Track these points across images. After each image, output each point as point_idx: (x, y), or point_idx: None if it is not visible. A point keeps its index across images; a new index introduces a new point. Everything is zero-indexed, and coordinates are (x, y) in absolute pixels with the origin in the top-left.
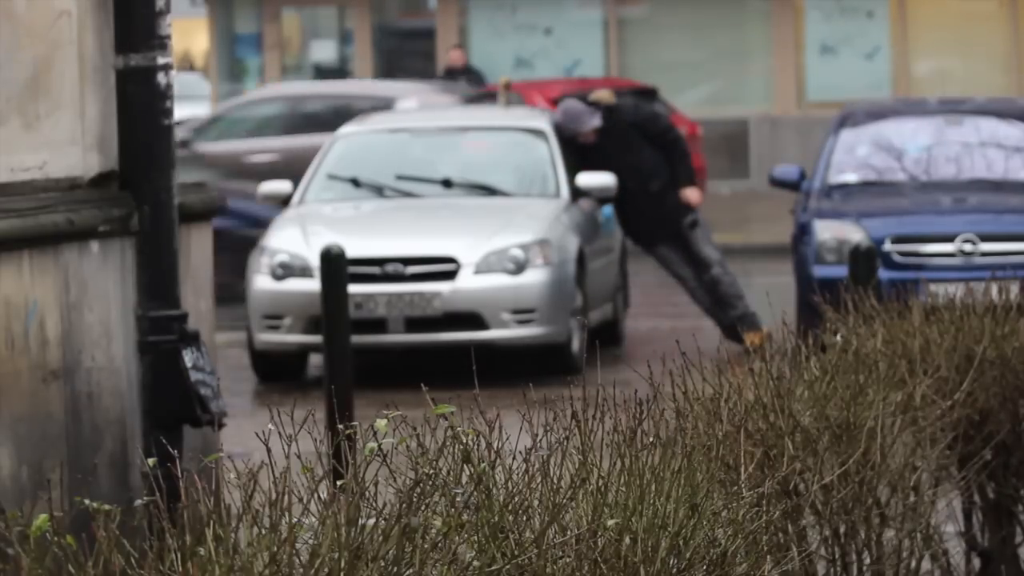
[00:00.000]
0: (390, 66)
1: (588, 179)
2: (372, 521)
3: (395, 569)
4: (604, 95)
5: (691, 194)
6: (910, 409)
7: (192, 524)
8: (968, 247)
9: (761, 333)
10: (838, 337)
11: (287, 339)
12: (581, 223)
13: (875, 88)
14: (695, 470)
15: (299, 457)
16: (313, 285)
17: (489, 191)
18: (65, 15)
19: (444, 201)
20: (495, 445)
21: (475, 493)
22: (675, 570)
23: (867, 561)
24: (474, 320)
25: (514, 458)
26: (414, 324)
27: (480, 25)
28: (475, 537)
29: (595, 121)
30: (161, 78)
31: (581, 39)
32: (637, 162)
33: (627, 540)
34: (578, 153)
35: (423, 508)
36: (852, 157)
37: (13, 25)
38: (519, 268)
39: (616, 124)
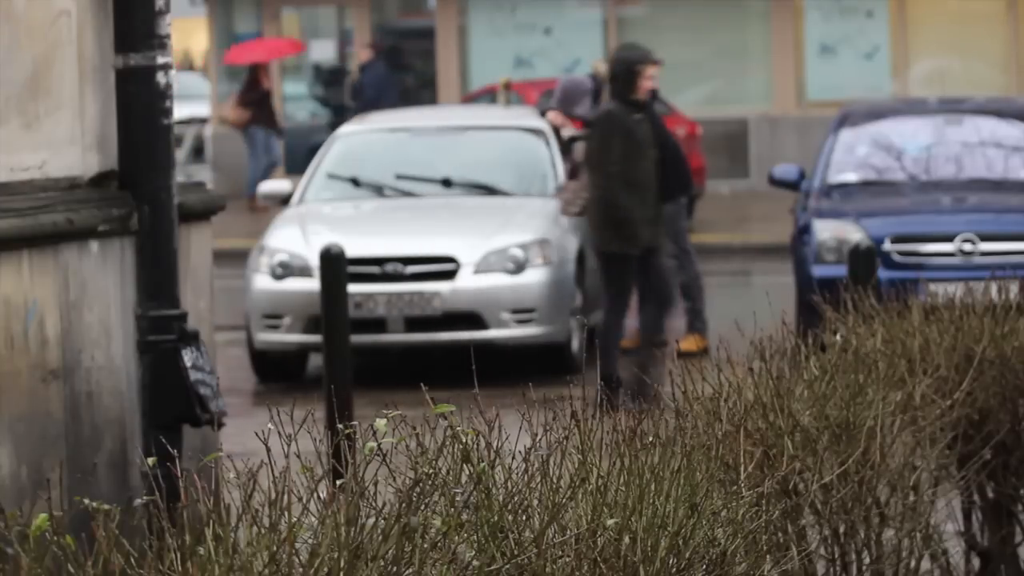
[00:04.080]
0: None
1: None
2: (372, 521)
3: (395, 569)
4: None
5: None
6: (910, 409)
7: (192, 524)
8: (968, 247)
9: (696, 337)
10: (838, 337)
11: (287, 339)
12: (581, 223)
13: (875, 88)
14: (695, 470)
15: (299, 457)
16: (313, 284)
17: (489, 191)
18: (64, 15)
19: (444, 201)
20: (495, 445)
21: (475, 493)
22: (675, 570)
23: (867, 561)
24: (474, 320)
25: (514, 458)
26: (414, 324)
27: (480, 25)
28: (475, 537)
29: (581, 109)
30: (161, 78)
31: (581, 39)
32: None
33: (627, 540)
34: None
35: (423, 508)
36: (851, 157)
37: (13, 25)
38: (519, 268)
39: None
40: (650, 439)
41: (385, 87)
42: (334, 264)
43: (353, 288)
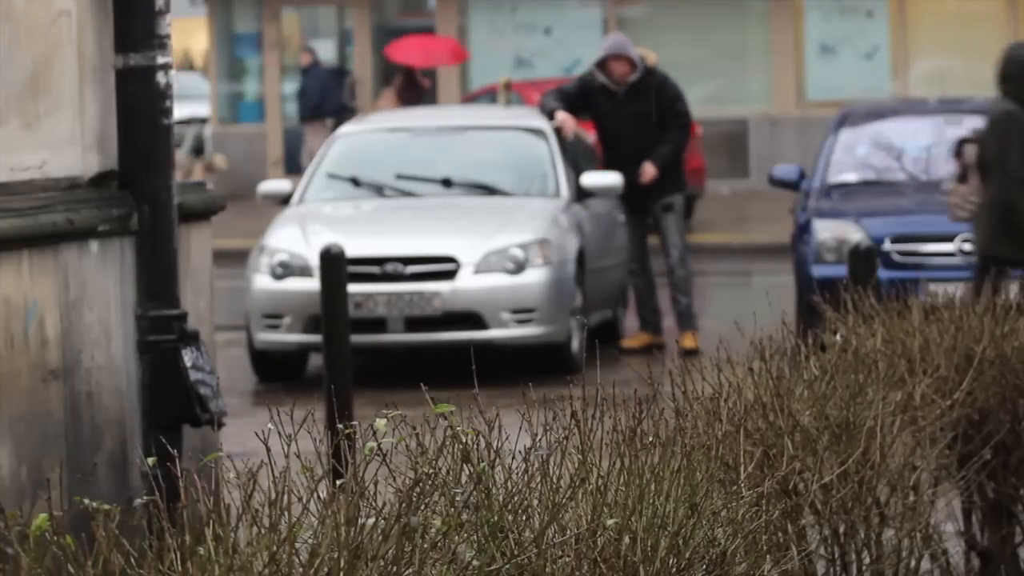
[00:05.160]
0: (389, 66)
1: (593, 179)
2: (372, 521)
3: (395, 569)
4: (651, 57)
5: (648, 169)
6: (910, 409)
7: (192, 524)
8: (968, 247)
9: (693, 334)
10: (838, 337)
11: (287, 338)
12: (583, 223)
13: (875, 88)
14: (695, 470)
15: (299, 457)
16: (313, 284)
17: (489, 190)
18: (64, 15)
19: (444, 200)
20: (495, 445)
21: (475, 493)
22: (674, 570)
23: (867, 561)
24: (474, 320)
25: (513, 458)
26: (414, 324)
27: (480, 25)
28: (475, 537)
29: (635, 55)
30: (160, 78)
31: (581, 38)
32: (645, 135)
33: (627, 540)
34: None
35: (423, 508)
36: (851, 157)
37: (13, 25)
38: (519, 268)
39: (648, 86)
40: (650, 439)
41: (329, 89)
42: (334, 264)
43: (353, 288)
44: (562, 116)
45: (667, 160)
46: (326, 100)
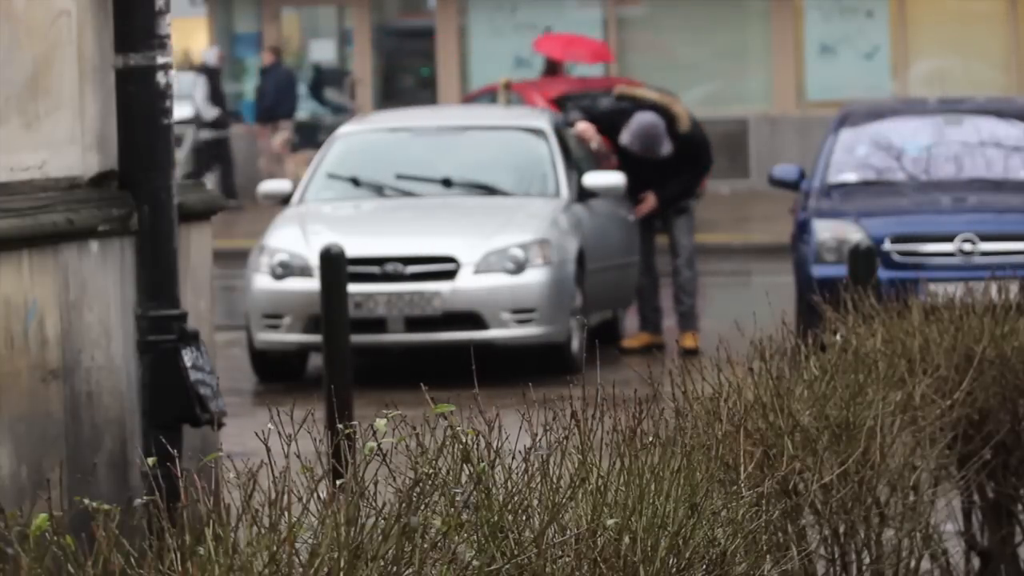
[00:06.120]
0: (389, 66)
1: (596, 179)
2: (372, 521)
3: (395, 569)
4: (684, 118)
5: (650, 202)
6: (909, 409)
7: (191, 524)
8: (968, 247)
9: (694, 335)
10: (838, 337)
11: (287, 338)
12: (583, 222)
13: (875, 88)
14: (694, 470)
15: (299, 457)
16: (313, 284)
17: (489, 190)
18: (64, 15)
19: (444, 200)
20: (495, 445)
21: (475, 493)
22: (674, 569)
23: (867, 561)
24: (474, 320)
25: (513, 458)
26: (414, 324)
27: (480, 25)
28: (474, 537)
29: (667, 148)
30: (160, 78)
31: None
32: (666, 167)
33: (627, 540)
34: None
35: (423, 508)
36: (851, 157)
37: (13, 25)
38: (519, 268)
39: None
40: (650, 439)
41: (286, 89)
42: (334, 264)
43: (353, 288)
44: (583, 126)
45: (671, 198)
46: (280, 103)
